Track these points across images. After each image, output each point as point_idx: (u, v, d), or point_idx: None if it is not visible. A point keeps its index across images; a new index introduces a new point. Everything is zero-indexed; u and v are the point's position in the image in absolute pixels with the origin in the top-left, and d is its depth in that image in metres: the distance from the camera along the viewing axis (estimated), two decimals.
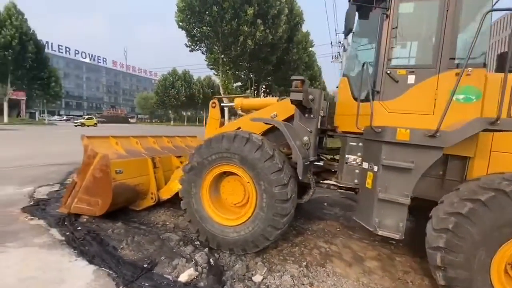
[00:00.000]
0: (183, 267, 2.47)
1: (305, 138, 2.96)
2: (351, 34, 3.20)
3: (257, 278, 2.40)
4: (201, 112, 73.53)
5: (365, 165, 2.58)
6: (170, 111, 67.00)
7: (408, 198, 2.30)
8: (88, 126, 33.84)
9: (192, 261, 2.56)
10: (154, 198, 3.77)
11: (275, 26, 14.07)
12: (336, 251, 2.97)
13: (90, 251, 2.69)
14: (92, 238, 2.94)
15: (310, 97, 2.91)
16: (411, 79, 2.48)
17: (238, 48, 13.08)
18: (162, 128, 40.11)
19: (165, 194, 3.80)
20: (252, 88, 20.59)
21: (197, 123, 72.43)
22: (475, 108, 2.28)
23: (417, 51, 2.71)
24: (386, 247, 3.18)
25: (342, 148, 2.99)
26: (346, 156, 2.92)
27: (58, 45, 67.92)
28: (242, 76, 16.98)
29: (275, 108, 3.25)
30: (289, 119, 3.14)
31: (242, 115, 3.84)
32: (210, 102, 4.04)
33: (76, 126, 33.71)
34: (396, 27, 2.50)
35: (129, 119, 67.84)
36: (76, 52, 74.71)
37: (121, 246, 2.85)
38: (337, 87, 3.52)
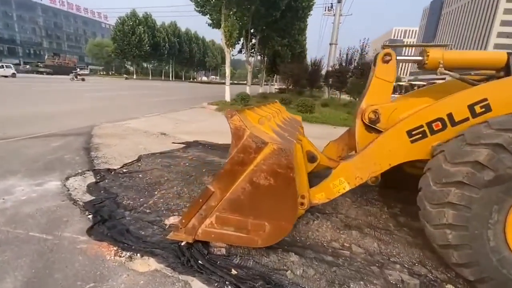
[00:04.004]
0: None
1: None
2: None
3: None
4: (166, 65, 66.29)
5: None
6: (129, 62, 58.93)
7: None
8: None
9: None
10: (305, 205, 2.43)
11: None
12: None
13: None
14: None
15: None
16: None
17: None
18: (136, 83, 35.13)
19: (320, 197, 2.46)
20: (249, 39, 17.97)
21: (163, 78, 65.71)
22: None
23: None
24: None
25: None
26: None
27: None
28: (245, 23, 14.24)
29: None
30: None
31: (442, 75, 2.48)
32: (381, 54, 2.57)
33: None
34: None
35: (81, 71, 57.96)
36: None
37: None
38: None
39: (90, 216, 2.40)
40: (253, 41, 19.59)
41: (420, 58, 2.56)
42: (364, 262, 2.05)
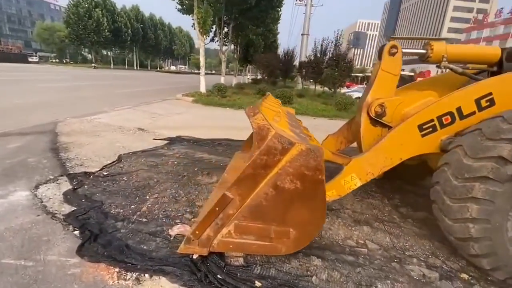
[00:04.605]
0: None
1: None
2: None
3: None
4: (130, 53, 61.85)
5: None
6: (87, 49, 53.88)
7: None
8: None
9: None
10: None
11: None
12: None
13: None
14: None
15: None
16: None
17: None
18: (96, 73, 32.10)
19: (331, 195, 2.35)
20: (222, 27, 17.29)
21: (126, 66, 61.27)
22: None
23: None
24: None
25: None
26: None
27: None
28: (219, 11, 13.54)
29: None
30: None
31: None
32: (387, 46, 2.52)
33: None
34: None
35: (28, 58, 51.24)
36: None
37: None
38: None
39: (76, 232, 2.07)
40: (225, 29, 18.91)
41: (423, 51, 2.56)
42: (383, 259, 2.03)
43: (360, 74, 32.89)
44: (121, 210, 2.49)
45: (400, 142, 2.22)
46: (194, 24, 16.55)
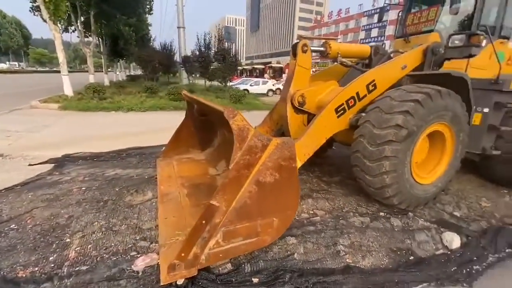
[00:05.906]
0: None
1: None
2: None
3: None
4: None
5: None
6: None
7: None
8: None
9: None
10: None
11: None
12: None
13: None
14: None
15: None
16: None
17: None
18: None
19: None
20: (79, 14, 14.10)
21: None
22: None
23: None
24: None
25: None
26: None
27: None
28: None
29: (405, 59, 3.04)
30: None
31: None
32: (300, 45, 2.92)
33: None
34: None
35: None
36: None
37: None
38: None
39: None
40: (83, 18, 15.54)
41: (323, 49, 3.15)
42: (333, 220, 2.49)
43: (239, 68, 35.33)
44: (36, 268, 1.83)
45: (324, 125, 2.69)
46: (34, 7, 12.78)
